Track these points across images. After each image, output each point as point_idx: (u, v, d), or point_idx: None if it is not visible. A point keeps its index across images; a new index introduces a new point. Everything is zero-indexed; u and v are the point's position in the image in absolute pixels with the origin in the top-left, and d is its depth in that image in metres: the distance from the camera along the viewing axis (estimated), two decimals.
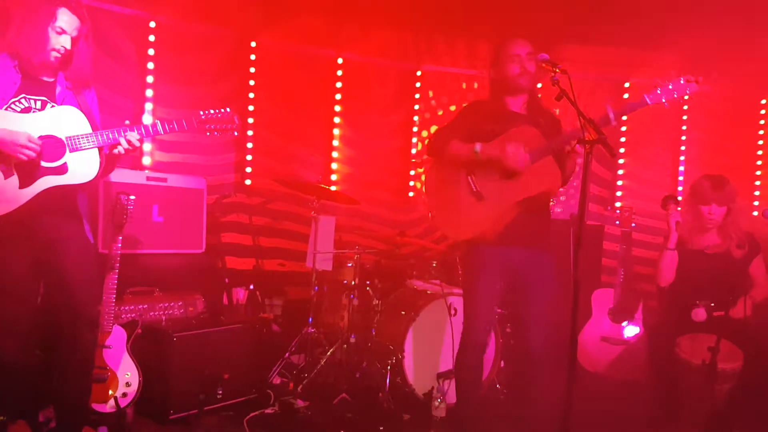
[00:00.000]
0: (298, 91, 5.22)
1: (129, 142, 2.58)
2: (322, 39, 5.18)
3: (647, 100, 2.59)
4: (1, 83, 2.49)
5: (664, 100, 2.59)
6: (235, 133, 2.83)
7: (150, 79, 4.61)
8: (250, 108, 5.07)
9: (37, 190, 2.47)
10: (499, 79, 2.93)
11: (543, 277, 2.89)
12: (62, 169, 2.51)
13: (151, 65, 4.60)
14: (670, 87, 2.58)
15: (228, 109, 2.77)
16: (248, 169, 5.08)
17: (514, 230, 2.80)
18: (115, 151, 2.60)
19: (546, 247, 2.92)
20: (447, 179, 2.91)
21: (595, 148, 2.29)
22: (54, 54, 2.52)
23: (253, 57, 5.07)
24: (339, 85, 5.42)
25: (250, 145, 5.08)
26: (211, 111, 2.74)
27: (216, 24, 4.81)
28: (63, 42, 2.52)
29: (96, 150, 2.56)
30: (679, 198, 3.91)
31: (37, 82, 2.56)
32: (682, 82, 2.57)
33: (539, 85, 5.57)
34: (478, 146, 2.79)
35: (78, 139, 2.52)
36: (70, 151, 2.51)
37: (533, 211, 2.84)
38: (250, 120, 5.07)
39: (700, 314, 3.40)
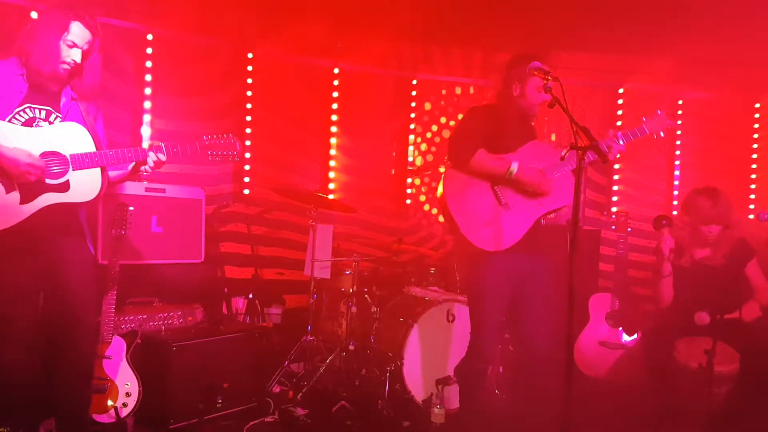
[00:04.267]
0: (295, 102, 5.26)
1: (156, 162, 2.62)
2: (318, 49, 5.22)
3: (645, 129, 2.95)
4: (7, 91, 2.50)
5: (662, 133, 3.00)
6: (237, 159, 2.82)
7: (148, 91, 4.64)
8: (248, 118, 5.11)
9: (37, 207, 2.48)
10: (518, 98, 2.95)
11: (539, 279, 2.93)
12: (64, 187, 2.52)
13: (148, 77, 4.64)
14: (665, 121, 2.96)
15: (231, 135, 2.77)
16: (246, 179, 5.11)
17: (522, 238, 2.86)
18: (142, 169, 2.66)
19: (540, 250, 2.96)
20: (470, 187, 2.88)
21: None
22: (63, 66, 2.53)
23: (250, 68, 5.12)
24: (336, 94, 5.46)
25: (248, 155, 5.11)
26: (214, 136, 2.74)
27: (213, 36, 4.85)
28: (74, 55, 2.53)
29: (99, 169, 2.58)
30: (675, 213, 3.94)
31: (42, 92, 2.57)
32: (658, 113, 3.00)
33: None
34: (514, 166, 2.80)
35: (81, 157, 2.53)
36: (74, 169, 2.53)
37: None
38: (248, 130, 5.11)
39: (703, 318, 3.41)
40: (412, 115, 5.69)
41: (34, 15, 3.80)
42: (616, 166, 5.76)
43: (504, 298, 2.97)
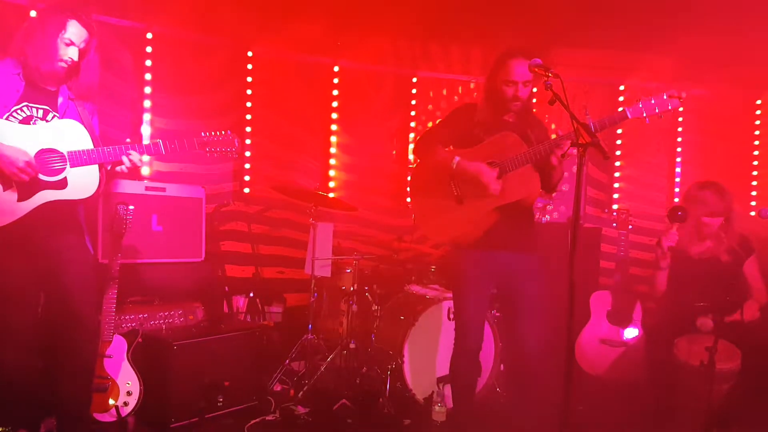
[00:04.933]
0: (295, 99, 5.26)
1: (132, 162, 2.61)
2: (318, 47, 5.21)
3: (628, 114, 2.61)
4: (4, 89, 2.51)
5: (645, 115, 2.59)
6: (235, 156, 2.81)
7: (148, 89, 4.63)
8: (248, 117, 5.10)
9: (35, 204, 2.49)
10: (492, 93, 2.94)
11: (531, 278, 2.91)
12: (62, 184, 2.53)
13: (148, 76, 4.63)
14: (653, 102, 2.58)
15: (229, 132, 2.77)
16: (247, 178, 5.11)
17: (498, 234, 2.83)
18: (118, 169, 2.64)
19: (531, 248, 2.95)
20: (431, 180, 2.96)
21: (589, 151, 2.31)
22: (61, 65, 2.55)
23: (250, 66, 5.10)
24: (336, 92, 5.45)
25: (248, 153, 5.10)
26: (212, 133, 2.74)
27: (213, 34, 4.84)
28: (71, 53, 2.55)
29: (96, 166, 2.58)
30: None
31: (40, 91, 2.59)
32: (664, 97, 2.57)
33: (534, 89, 5.68)
34: (456, 159, 2.85)
35: (79, 154, 2.54)
36: (71, 166, 2.53)
37: (515, 215, 2.87)
38: (248, 128, 5.10)
39: (706, 324, 3.41)
40: (413, 113, 5.67)
41: (33, 14, 3.80)
42: (617, 164, 5.76)
43: (485, 297, 3.01)
